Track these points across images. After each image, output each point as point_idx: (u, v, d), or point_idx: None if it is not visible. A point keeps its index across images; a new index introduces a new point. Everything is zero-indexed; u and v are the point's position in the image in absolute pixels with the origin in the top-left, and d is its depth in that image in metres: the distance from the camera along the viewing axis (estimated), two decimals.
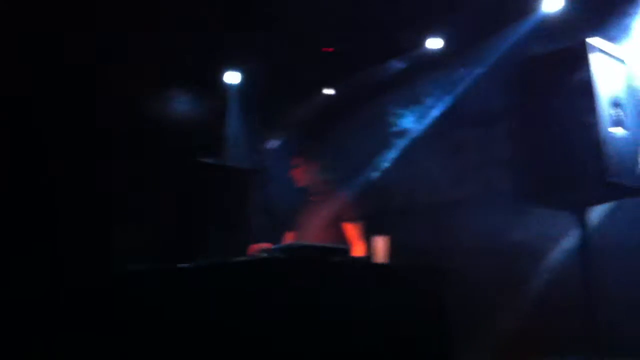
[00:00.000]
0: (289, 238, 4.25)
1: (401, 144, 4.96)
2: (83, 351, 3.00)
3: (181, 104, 5.05)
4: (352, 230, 4.02)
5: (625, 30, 4.02)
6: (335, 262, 3.15)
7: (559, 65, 3.22)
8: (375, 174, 4.89)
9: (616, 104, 3.11)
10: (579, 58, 3.11)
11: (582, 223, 3.20)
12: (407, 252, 3.76)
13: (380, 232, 3.81)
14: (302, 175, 4.20)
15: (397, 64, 4.99)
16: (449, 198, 4.75)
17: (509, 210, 4.19)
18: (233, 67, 5.25)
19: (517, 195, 3.36)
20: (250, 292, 2.85)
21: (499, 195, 4.37)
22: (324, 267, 3.08)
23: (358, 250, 3.97)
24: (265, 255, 3.28)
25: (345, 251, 3.25)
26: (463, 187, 4.71)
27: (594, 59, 3.10)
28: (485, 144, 4.67)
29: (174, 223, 4.25)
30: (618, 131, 3.08)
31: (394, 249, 3.54)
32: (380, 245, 3.44)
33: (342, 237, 4.03)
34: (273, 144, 5.33)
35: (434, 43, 4.82)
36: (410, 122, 4.93)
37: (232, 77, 5.30)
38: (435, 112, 4.86)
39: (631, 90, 3.23)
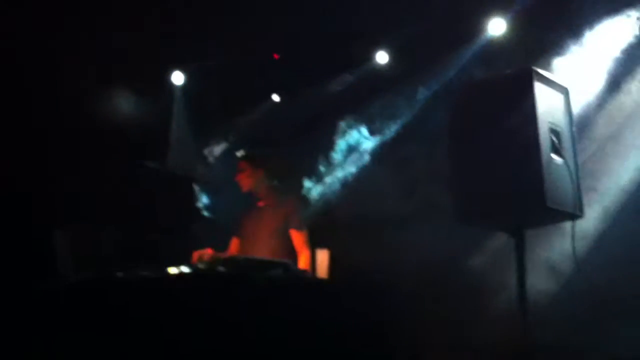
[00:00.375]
0: (234, 244, 4.22)
1: (348, 156, 4.98)
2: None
3: (124, 104, 4.97)
4: (298, 238, 4.00)
5: (564, 55, 4.16)
6: (271, 278, 3.14)
7: (503, 89, 3.29)
8: (320, 185, 4.90)
9: (555, 132, 3.20)
10: (523, 84, 3.18)
11: (518, 244, 3.26)
12: (348, 266, 3.80)
13: (323, 244, 3.83)
14: (247, 180, 4.15)
15: (347, 78, 5.01)
16: (393, 213, 4.79)
17: (451, 227, 4.28)
18: (179, 67, 5.18)
19: (456, 214, 3.40)
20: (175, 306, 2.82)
21: (441, 213, 4.48)
22: (259, 283, 3.08)
23: (304, 259, 3.95)
24: (200, 266, 3.23)
25: (286, 265, 3.24)
26: (407, 203, 4.76)
27: (537, 86, 3.18)
28: (429, 161, 4.73)
29: (114, 228, 4.18)
30: (557, 158, 3.16)
31: (336, 263, 3.55)
32: (322, 259, 3.45)
33: (288, 245, 4.01)
34: (218, 148, 5.27)
35: (383, 58, 4.88)
36: (359, 136, 4.95)
37: (178, 78, 5.25)
38: (383, 128, 4.90)
39: (568, 119, 3.32)
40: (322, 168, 4.79)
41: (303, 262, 3.93)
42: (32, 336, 2.90)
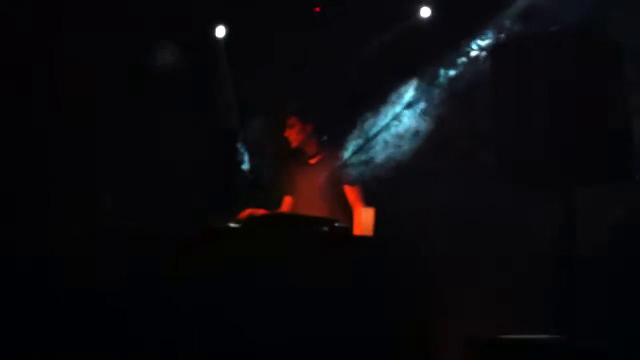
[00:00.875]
0: (286, 203, 4.21)
1: (390, 111, 4.98)
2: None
3: (169, 57, 4.98)
4: (352, 194, 3.96)
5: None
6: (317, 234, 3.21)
7: (549, 47, 3.23)
8: (364, 139, 4.93)
9: None
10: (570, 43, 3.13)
11: (567, 207, 3.13)
12: (389, 223, 3.84)
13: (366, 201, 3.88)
14: (297, 136, 4.10)
15: (391, 34, 4.97)
16: (430, 167, 4.82)
17: (489, 184, 4.30)
18: (223, 20, 5.16)
19: (500, 173, 3.39)
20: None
21: (479, 168, 4.50)
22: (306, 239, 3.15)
23: (359, 213, 3.93)
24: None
25: (332, 222, 3.29)
26: (442, 157, 4.78)
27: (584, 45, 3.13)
28: (466, 115, 4.72)
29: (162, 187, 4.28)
30: None
31: (379, 219, 3.59)
32: (367, 217, 3.48)
33: (341, 201, 3.97)
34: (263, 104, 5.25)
35: (426, 12, 4.86)
36: (401, 91, 4.95)
37: (220, 31, 5.24)
38: (424, 85, 4.89)
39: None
40: (367, 124, 4.81)
41: (358, 217, 3.79)
42: None
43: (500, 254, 4.18)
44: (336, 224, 3.26)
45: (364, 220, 3.47)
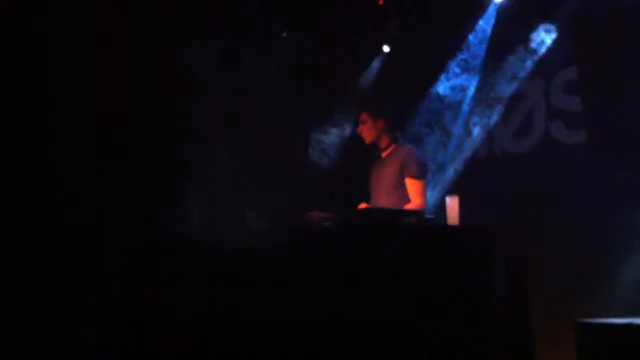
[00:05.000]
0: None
1: (461, 98, 4.87)
2: None
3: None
4: (412, 186, 3.94)
5: None
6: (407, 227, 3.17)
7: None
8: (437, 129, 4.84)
9: None
10: None
11: None
12: (474, 210, 3.74)
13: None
14: (369, 132, 4.12)
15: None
16: (510, 151, 4.68)
17: (573, 165, 4.15)
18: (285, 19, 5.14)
19: (591, 151, 3.26)
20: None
21: (561, 148, 4.35)
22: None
23: (411, 207, 3.89)
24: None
25: (420, 214, 3.25)
26: (524, 139, 4.64)
27: None
28: (545, 95, 4.56)
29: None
30: None
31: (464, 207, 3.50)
32: (452, 205, 3.40)
33: (405, 194, 3.96)
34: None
35: None
36: (467, 78, 4.83)
37: (283, 29, 5.21)
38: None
39: None
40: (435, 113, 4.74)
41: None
42: None
43: (593, 237, 3.99)
44: (426, 216, 3.21)
45: (450, 209, 3.39)
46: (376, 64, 5.27)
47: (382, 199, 4.00)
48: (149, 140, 3.90)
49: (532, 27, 4.53)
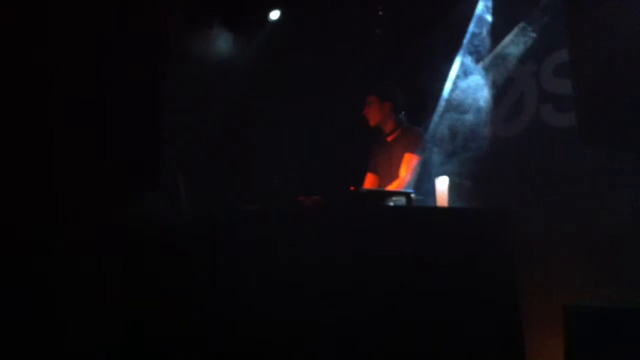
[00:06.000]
0: (369, 179, 4.25)
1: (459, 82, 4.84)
2: None
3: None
4: (406, 160, 3.97)
5: None
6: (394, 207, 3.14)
7: None
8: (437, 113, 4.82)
9: None
10: None
11: None
12: (464, 192, 3.72)
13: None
14: (375, 114, 4.12)
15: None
16: (501, 134, 4.66)
17: (563, 149, 4.13)
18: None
19: (582, 133, 3.24)
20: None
21: (551, 131, 4.32)
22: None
23: (397, 183, 3.95)
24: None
25: (408, 195, 3.23)
26: (515, 123, 4.61)
27: None
28: (535, 79, 4.54)
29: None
30: None
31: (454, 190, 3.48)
32: (441, 186, 3.39)
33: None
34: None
35: None
36: (466, 60, 4.79)
37: (274, 14, 5.15)
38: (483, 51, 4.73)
39: None
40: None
41: (394, 184, 3.93)
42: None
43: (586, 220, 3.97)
44: (412, 195, 3.19)
45: (439, 189, 3.37)
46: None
47: (388, 182, 4.02)
48: (148, 140, 3.89)
49: (523, 12, 4.51)
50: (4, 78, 3.42)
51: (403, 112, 4.18)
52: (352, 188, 3.51)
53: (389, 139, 4.16)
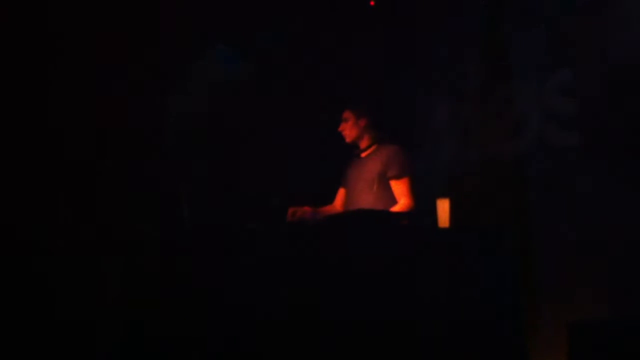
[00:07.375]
0: (340, 195, 4.21)
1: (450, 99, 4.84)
2: None
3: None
4: (397, 187, 3.93)
5: None
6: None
7: None
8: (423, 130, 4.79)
9: None
10: None
11: None
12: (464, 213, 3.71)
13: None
14: (351, 130, 4.09)
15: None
16: (501, 153, 4.65)
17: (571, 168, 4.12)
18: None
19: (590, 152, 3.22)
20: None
21: (557, 152, 4.31)
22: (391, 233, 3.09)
23: (399, 207, 3.90)
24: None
25: (410, 216, 3.23)
26: (515, 142, 4.60)
27: None
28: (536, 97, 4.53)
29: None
30: None
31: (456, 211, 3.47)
32: (443, 208, 3.38)
33: (387, 194, 3.95)
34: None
35: None
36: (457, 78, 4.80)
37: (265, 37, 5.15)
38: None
39: None
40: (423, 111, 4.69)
41: (398, 210, 3.88)
42: None
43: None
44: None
45: (440, 211, 3.37)
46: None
47: (357, 199, 3.98)
48: (147, 140, 3.90)
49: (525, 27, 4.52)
50: (4, 78, 3.44)
51: (379, 130, 4.13)
52: (291, 210, 3.52)
53: (363, 154, 4.13)
